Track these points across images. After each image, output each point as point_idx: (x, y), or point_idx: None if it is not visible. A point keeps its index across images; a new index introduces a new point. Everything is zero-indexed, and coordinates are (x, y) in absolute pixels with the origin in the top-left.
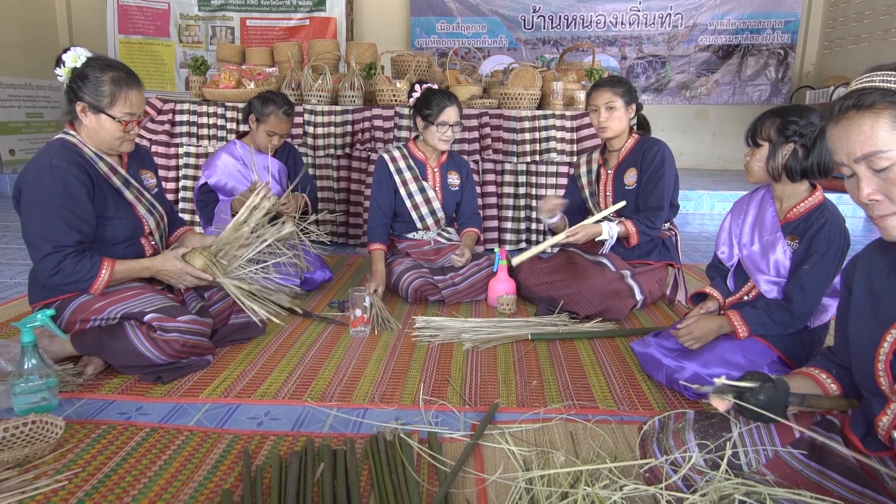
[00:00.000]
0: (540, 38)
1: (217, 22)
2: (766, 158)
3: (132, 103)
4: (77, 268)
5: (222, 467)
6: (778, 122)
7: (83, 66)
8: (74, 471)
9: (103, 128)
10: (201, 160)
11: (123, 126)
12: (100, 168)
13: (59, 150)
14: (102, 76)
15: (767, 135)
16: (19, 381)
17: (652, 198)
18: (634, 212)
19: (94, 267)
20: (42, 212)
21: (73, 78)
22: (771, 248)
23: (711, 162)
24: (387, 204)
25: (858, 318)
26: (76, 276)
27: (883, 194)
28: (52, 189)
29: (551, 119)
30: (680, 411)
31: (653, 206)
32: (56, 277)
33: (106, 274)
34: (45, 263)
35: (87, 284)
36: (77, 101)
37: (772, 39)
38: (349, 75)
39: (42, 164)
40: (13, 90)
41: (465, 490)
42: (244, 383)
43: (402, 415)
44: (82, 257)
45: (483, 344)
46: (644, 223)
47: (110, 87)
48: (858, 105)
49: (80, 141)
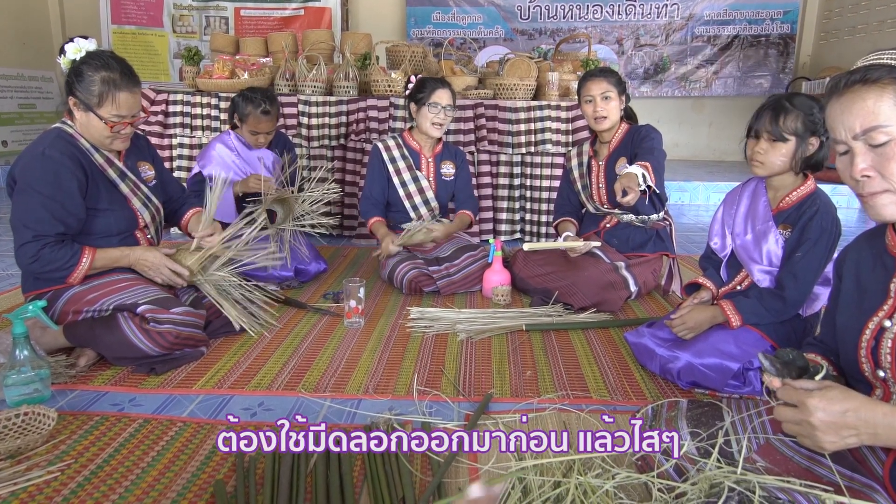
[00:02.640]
0: (536, 29)
1: (211, 12)
2: (793, 152)
3: (120, 105)
4: (56, 255)
5: (215, 458)
6: (802, 116)
7: (80, 61)
8: (67, 462)
9: (92, 125)
10: (195, 151)
11: (110, 127)
12: (95, 160)
13: (53, 140)
14: (95, 75)
15: (793, 128)
16: (11, 372)
17: (642, 149)
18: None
19: (75, 255)
20: (29, 199)
21: (70, 72)
22: (763, 237)
23: (707, 153)
24: (379, 192)
25: (846, 306)
26: (55, 265)
27: (876, 171)
28: (43, 178)
29: (547, 110)
30: (673, 400)
31: (646, 149)
32: (34, 265)
33: (86, 262)
34: (24, 251)
35: (67, 273)
36: (70, 96)
37: (771, 30)
38: (344, 66)
39: (35, 153)
40: (5, 81)
41: (458, 479)
42: (238, 374)
43: (396, 405)
44: (62, 246)
45: (477, 335)
46: (646, 160)
47: (100, 87)
48: (865, 79)
49: (76, 132)
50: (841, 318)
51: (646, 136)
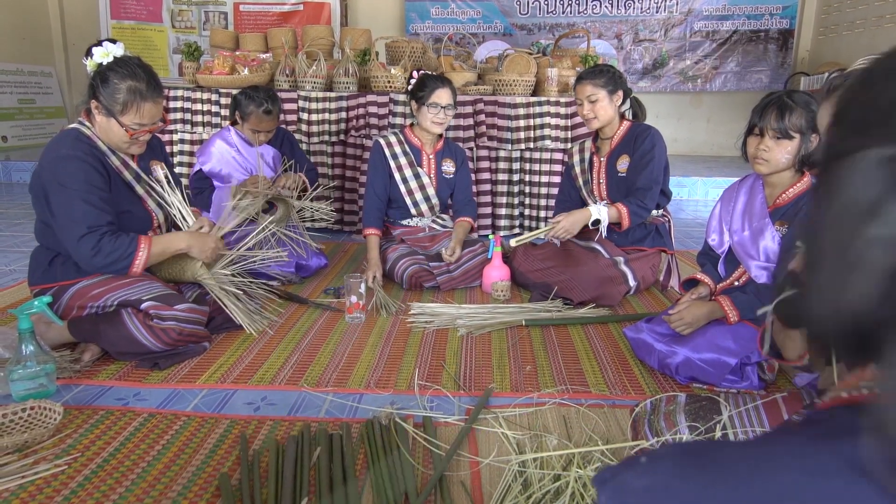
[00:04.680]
0: (535, 24)
1: (210, 7)
2: (797, 150)
3: (143, 115)
4: (116, 245)
5: (220, 451)
6: (805, 114)
7: (107, 66)
8: (73, 456)
9: (112, 130)
10: (195, 147)
11: (130, 135)
12: (112, 162)
13: (73, 143)
14: (121, 84)
15: (799, 126)
16: (17, 367)
17: (641, 177)
18: (626, 196)
19: (133, 243)
20: (67, 198)
21: (95, 75)
22: (760, 234)
23: (706, 148)
24: (382, 188)
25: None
26: (116, 255)
27: None
28: (74, 177)
29: (546, 106)
30: (671, 394)
31: (642, 186)
32: (97, 259)
33: (144, 251)
34: (83, 245)
35: (128, 263)
36: (93, 99)
37: (770, 25)
38: (344, 61)
39: (59, 155)
40: (4, 76)
41: (459, 473)
42: (240, 369)
43: (397, 400)
44: (119, 235)
45: (477, 330)
46: (635, 204)
47: (125, 95)
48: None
49: (94, 133)
50: None
51: (648, 151)
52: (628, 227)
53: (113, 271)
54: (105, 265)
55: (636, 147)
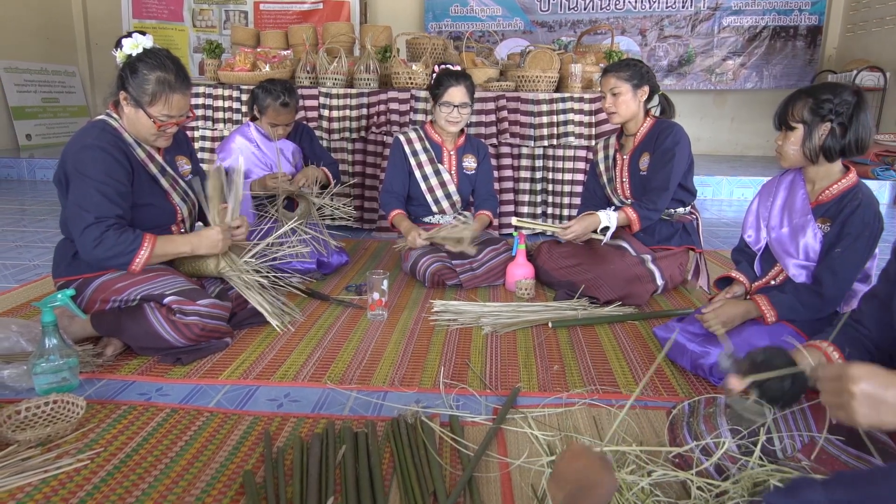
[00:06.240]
0: (556, 21)
1: (230, 6)
2: (802, 140)
3: (172, 106)
4: (119, 240)
5: (243, 448)
6: (811, 102)
7: (136, 58)
8: (96, 450)
9: (140, 122)
10: (216, 143)
11: (158, 126)
12: (137, 154)
13: (100, 133)
14: (150, 74)
15: (800, 116)
16: (40, 360)
17: (657, 178)
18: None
19: (136, 240)
20: (83, 185)
21: (125, 66)
22: (801, 231)
23: (729, 148)
24: (400, 185)
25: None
26: (118, 249)
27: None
28: (94, 166)
29: (569, 102)
30: (710, 396)
31: (656, 187)
32: (98, 250)
33: (147, 249)
34: (86, 235)
35: (129, 258)
36: (122, 90)
37: (799, 21)
38: (365, 58)
39: (84, 143)
40: (29, 75)
41: (488, 474)
42: (263, 365)
43: (422, 398)
44: (124, 230)
45: (502, 328)
46: (645, 207)
47: (154, 86)
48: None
49: (121, 125)
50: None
51: (668, 149)
52: (653, 225)
53: (113, 265)
54: (105, 258)
55: (657, 145)
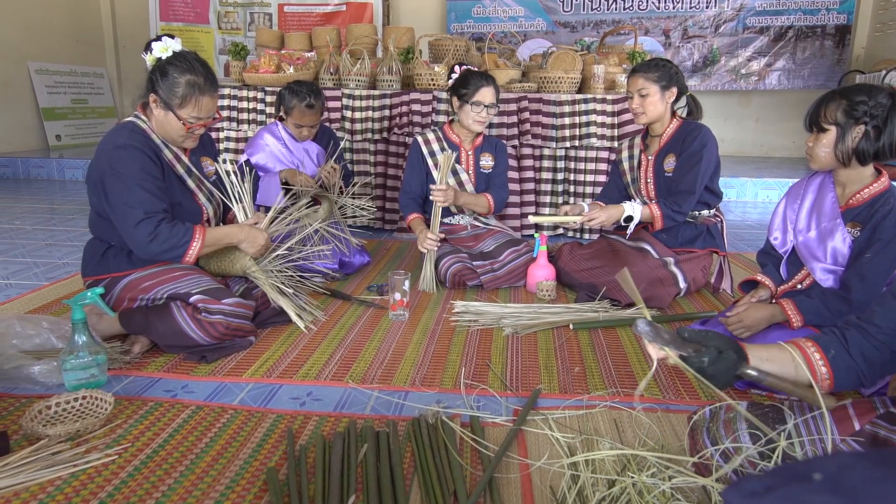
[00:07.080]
0: (579, 21)
1: (255, 8)
2: (834, 143)
3: (201, 109)
4: (172, 232)
5: (267, 445)
6: (845, 104)
7: (167, 61)
8: (124, 446)
9: (169, 123)
10: (241, 144)
11: (186, 128)
12: (165, 155)
13: (130, 134)
14: (180, 77)
15: (833, 118)
16: (70, 357)
17: (684, 180)
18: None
19: (188, 232)
20: (124, 184)
21: (155, 69)
22: (829, 234)
23: (754, 149)
24: (417, 186)
25: None
26: (172, 242)
27: None
28: (130, 165)
29: (592, 103)
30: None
31: (683, 190)
32: (153, 245)
33: (199, 240)
34: (140, 231)
35: (183, 250)
36: (152, 92)
37: (827, 20)
38: (387, 59)
39: (117, 144)
40: (59, 77)
41: (508, 475)
42: (286, 364)
43: (443, 398)
44: (175, 223)
45: (523, 330)
46: (670, 207)
47: (184, 89)
48: None
49: (150, 127)
50: None
51: (696, 152)
52: (676, 228)
53: (167, 258)
54: (160, 252)
55: (684, 147)
